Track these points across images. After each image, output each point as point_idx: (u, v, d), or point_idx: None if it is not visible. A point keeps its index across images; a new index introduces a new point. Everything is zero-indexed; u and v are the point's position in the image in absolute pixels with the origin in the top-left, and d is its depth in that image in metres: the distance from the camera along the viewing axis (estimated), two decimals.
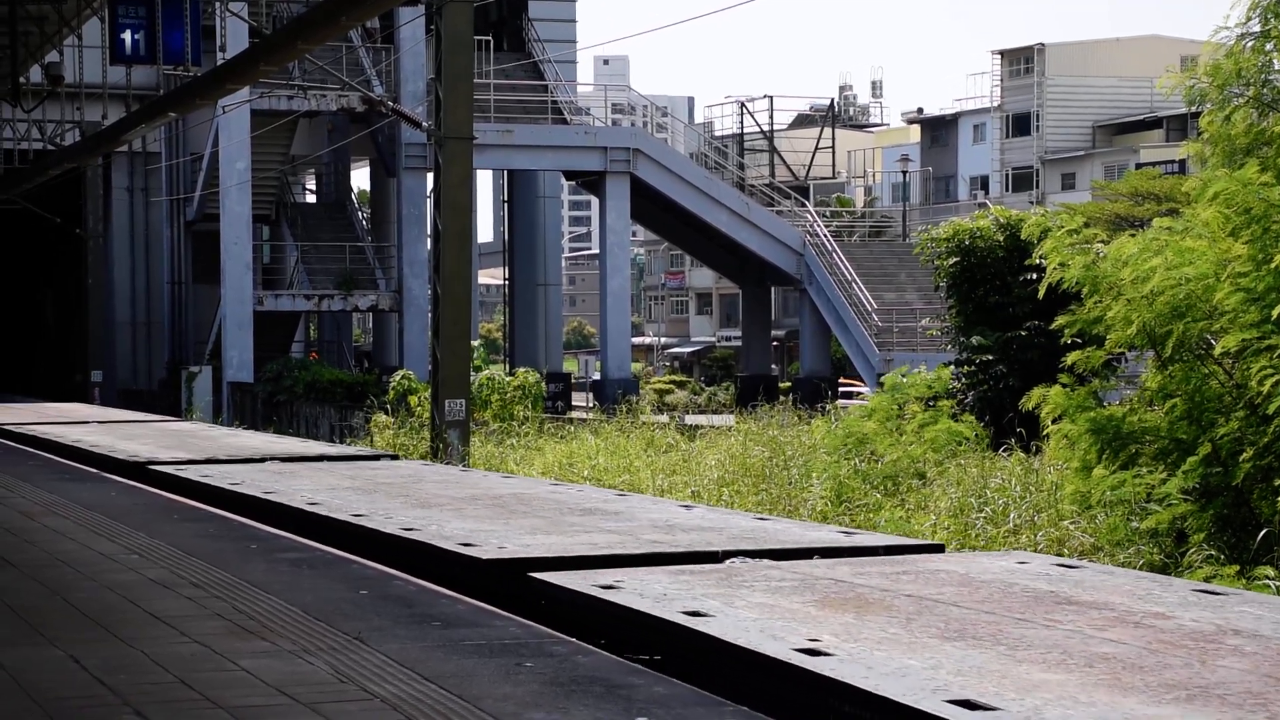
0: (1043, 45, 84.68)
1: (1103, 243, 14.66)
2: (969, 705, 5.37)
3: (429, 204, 40.69)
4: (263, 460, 16.41)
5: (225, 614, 8.23)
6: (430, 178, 36.55)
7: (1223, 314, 12.42)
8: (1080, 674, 5.92)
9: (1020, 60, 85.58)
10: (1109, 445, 13.44)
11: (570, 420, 35.67)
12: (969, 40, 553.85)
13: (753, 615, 7.07)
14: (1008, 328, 23.89)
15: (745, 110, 77.76)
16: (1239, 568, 11.72)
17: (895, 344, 47.65)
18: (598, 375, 55.77)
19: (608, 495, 12.53)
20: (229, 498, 13.35)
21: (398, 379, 36.04)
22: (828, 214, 62.39)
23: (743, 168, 63.26)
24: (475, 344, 33.56)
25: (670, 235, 60.18)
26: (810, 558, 8.91)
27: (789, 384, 54.35)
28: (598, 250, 56.48)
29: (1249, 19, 14.39)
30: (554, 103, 51.38)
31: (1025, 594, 7.61)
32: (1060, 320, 14.34)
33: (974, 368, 24.05)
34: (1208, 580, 11.46)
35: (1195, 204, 13.49)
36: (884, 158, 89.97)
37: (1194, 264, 12.68)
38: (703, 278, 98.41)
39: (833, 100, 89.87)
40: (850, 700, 5.75)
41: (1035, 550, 14.10)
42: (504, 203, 58.53)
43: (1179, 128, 76.45)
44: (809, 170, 76.72)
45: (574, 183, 55.81)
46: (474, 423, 28.61)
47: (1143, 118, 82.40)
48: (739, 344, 70.95)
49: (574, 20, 56.08)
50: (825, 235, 52.77)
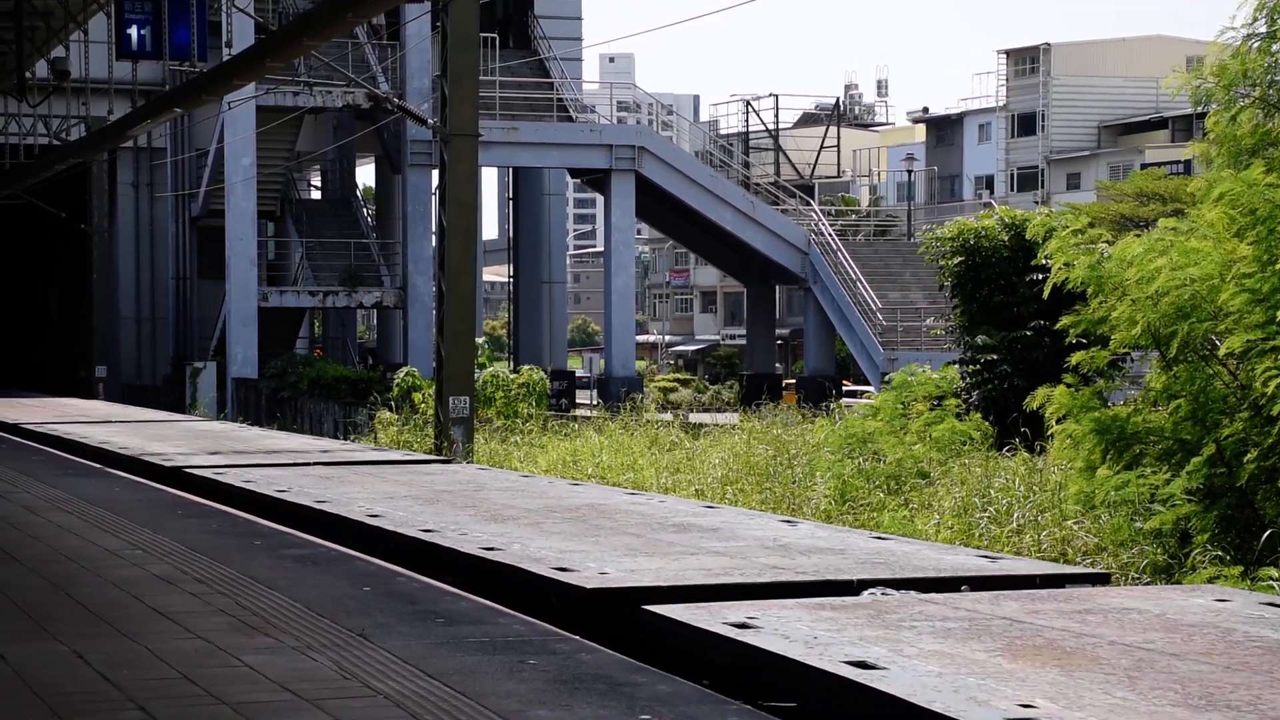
0: (1048, 45, 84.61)
1: (1108, 243, 14.65)
2: None
3: (434, 201, 40.68)
4: (305, 464, 15.68)
5: (229, 610, 8.23)
6: (435, 175, 36.57)
7: (1228, 315, 12.41)
8: None
9: (1026, 60, 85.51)
10: (1113, 445, 13.43)
11: (574, 418, 35.68)
12: (975, 40, 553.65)
13: (933, 668, 6.18)
14: (1012, 327, 23.87)
15: (750, 109, 77.78)
16: (1243, 569, 11.71)
17: (900, 343, 47.62)
18: (602, 372, 55.78)
19: (695, 508, 11.81)
20: (276, 506, 12.54)
21: (402, 376, 36.01)
22: (833, 213, 62.36)
23: (748, 166, 63.25)
24: (480, 341, 33.48)
25: (675, 233, 60.17)
26: (958, 588, 8.13)
27: (793, 381, 54.39)
28: (602, 248, 56.49)
29: (1255, 19, 14.36)
30: (559, 100, 51.36)
31: (1255, 644, 6.58)
32: (1065, 320, 14.33)
33: (978, 367, 24.03)
34: (1211, 582, 11.46)
35: (1200, 204, 13.47)
36: (889, 157, 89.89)
37: (1199, 265, 12.67)
38: (707, 276, 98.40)
39: (838, 99, 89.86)
40: None
41: (1040, 550, 14.10)
42: (509, 200, 58.53)
43: (1184, 128, 76.39)
44: (814, 169, 76.73)
45: (579, 180, 55.80)
46: (478, 420, 28.60)
47: (1148, 118, 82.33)
48: (743, 342, 70.94)
49: (580, 18, 56.06)
50: (830, 234, 52.75)
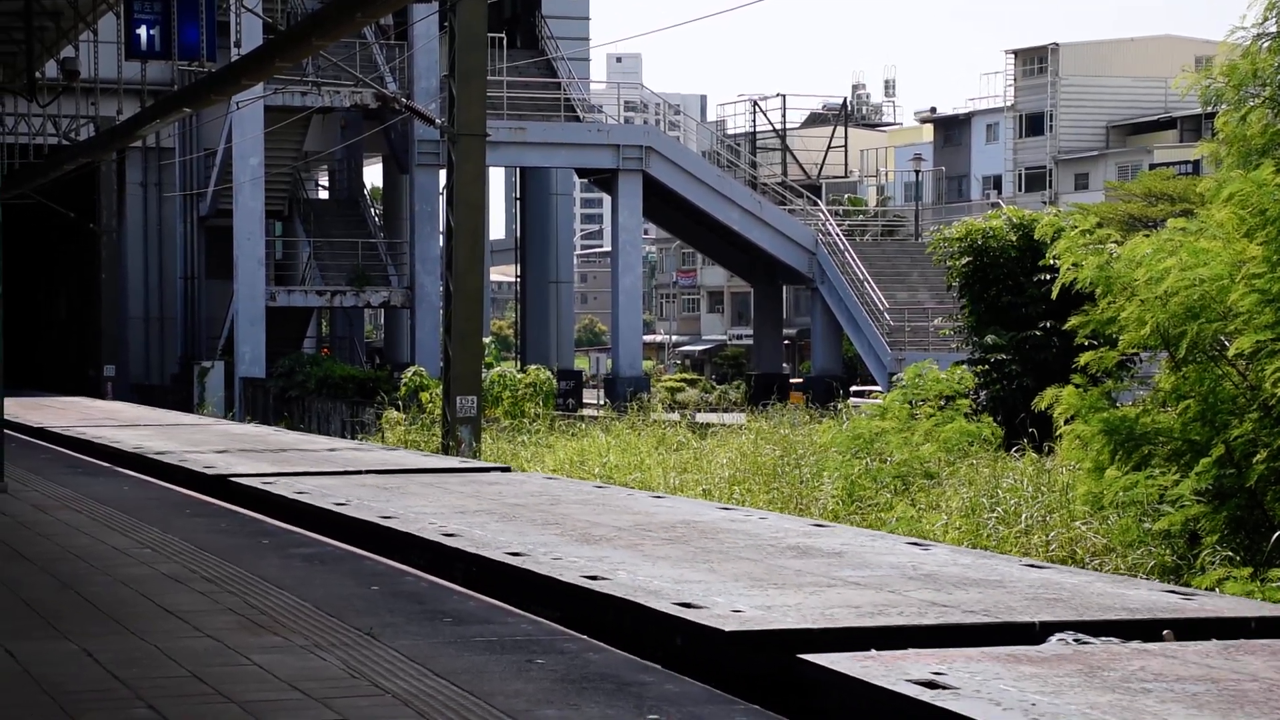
0: (1056, 45, 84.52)
1: (1116, 243, 14.63)
2: None
3: (442, 201, 40.64)
4: (357, 472, 14.91)
5: (238, 609, 8.24)
6: (443, 174, 36.55)
7: (1237, 315, 12.39)
8: None
9: (1034, 60, 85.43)
10: (1122, 446, 13.41)
11: (581, 418, 35.68)
12: (983, 40, 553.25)
13: None
14: (1020, 328, 23.85)
15: (758, 109, 77.72)
16: (1252, 570, 11.69)
17: (907, 343, 47.57)
18: (609, 372, 55.79)
19: (803, 526, 10.81)
20: (336, 522, 11.61)
21: (409, 375, 36.05)
22: (840, 213, 62.33)
23: (755, 166, 63.22)
24: (487, 341, 33.54)
25: (682, 233, 60.16)
26: (1159, 633, 7.09)
27: (800, 380, 54.34)
28: (610, 248, 56.47)
29: (1266, 19, 14.35)
30: (567, 100, 51.37)
31: None
32: (1074, 320, 14.31)
33: (987, 367, 24.01)
34: (1220, 583, 11.45)
35: (1210, 205, 13.45)
36: (897, 157, 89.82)
37: (1208, 265, 12.65)
38: (714, 276, 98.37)
39: (846, 99, 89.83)
40: None
41: (1047, 552, 14.08)
42: (516, 200, 58.54)
43: (1193, 128, 76.27)
44: (821, 169, 76.66)
45: (586, 180, 55.79)
46: (485, 419, 28.61)
47: (1157, 118, 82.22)
48: (750, 342, 70.93)
49: (587, 18, 56.06)
50: (837, 234, 52.72)
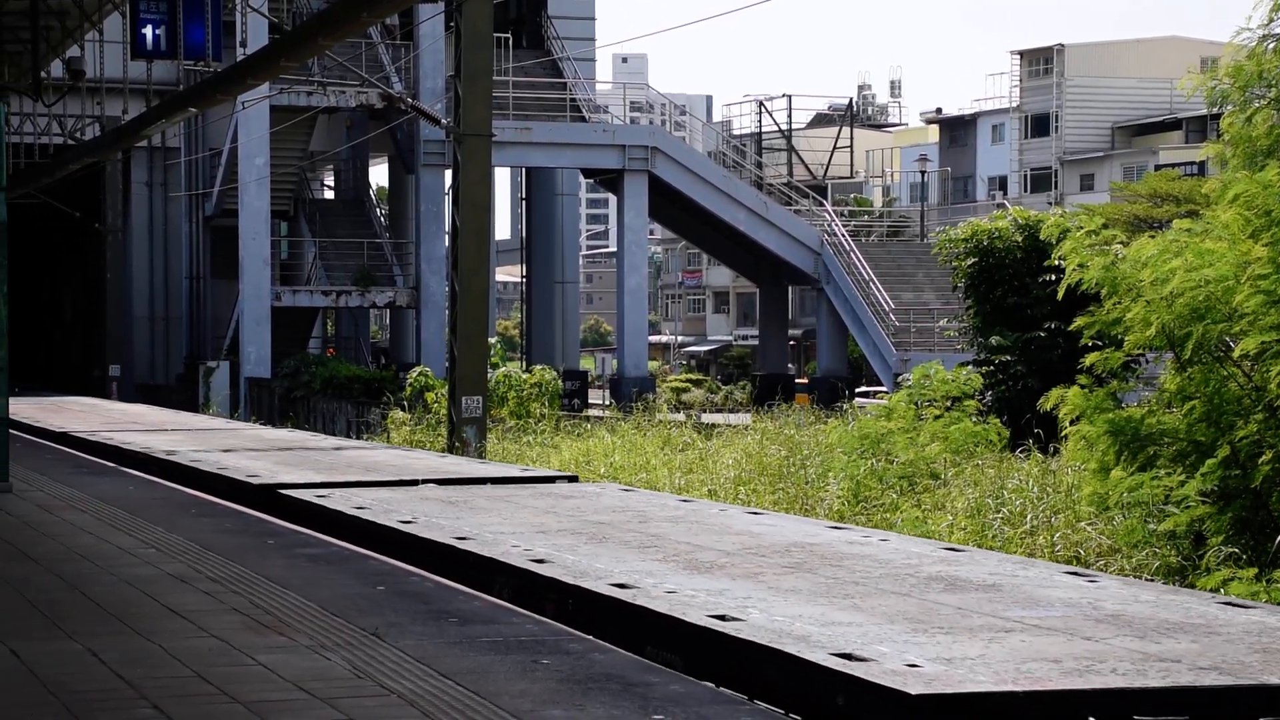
0: (1062, 46, 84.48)
1: (1122, 244, 14.63)
2: None
3: (447, 201, 40.75)
4: (414, 482, 13.92)
5: (243, 609, 8.24)
6: (449, 175, 36.62)
7: (1242, 316, 12.38)
8: None
9: (1039, 61, 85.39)
10: (1127, 447, 13.40)
11: (587, 418, 35.68)
12: (988, 40, 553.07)
13: None
14: (1026, 328, 23.85)
15: (763, 109, 77.71)
16: (1257, 571, 11.69)
17: (913, 344, 47.55)
18: (614, 373, 55.80)
19: (933, 550, 9.78)
20: (403, 542, 10.56)
21: (415, 375, 36.05)
22: (845, 213, 62.33)
23: (761, 167, 63.22)
24: (492, 341, 33.58)
25: (688, 234, 60.17)
26: None
27: (805, 380, 54.35)
28: (615, 248, 56.47)
29: (1271, 20, 14.34)
30: (573, 100, 51.37)
31: None
32: (1079, 321, 14.31)
33: (992, 368, 24.01)
34: (1225, 584, 11.45)
35: (1215, 206, 13.45)
36: (902, 158, 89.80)
37: (1214, 266, 12.64)
38: (720, 276, 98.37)
39: (851, 100, 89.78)
40: None
41: (1053, 552, 14.08)
42: (522, 200, 58.55)
43: (1199, 129, 76.23)
44: (827, 170, 76.63)
45: (592, 180, 55.81)
46: (491, 420, 28.62)
47: (1162, 119, 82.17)
48: (756, 343, 70.89)
49: (593, 18, 56.07)
50: (843, 235, 52.71)
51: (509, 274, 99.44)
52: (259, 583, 9.09)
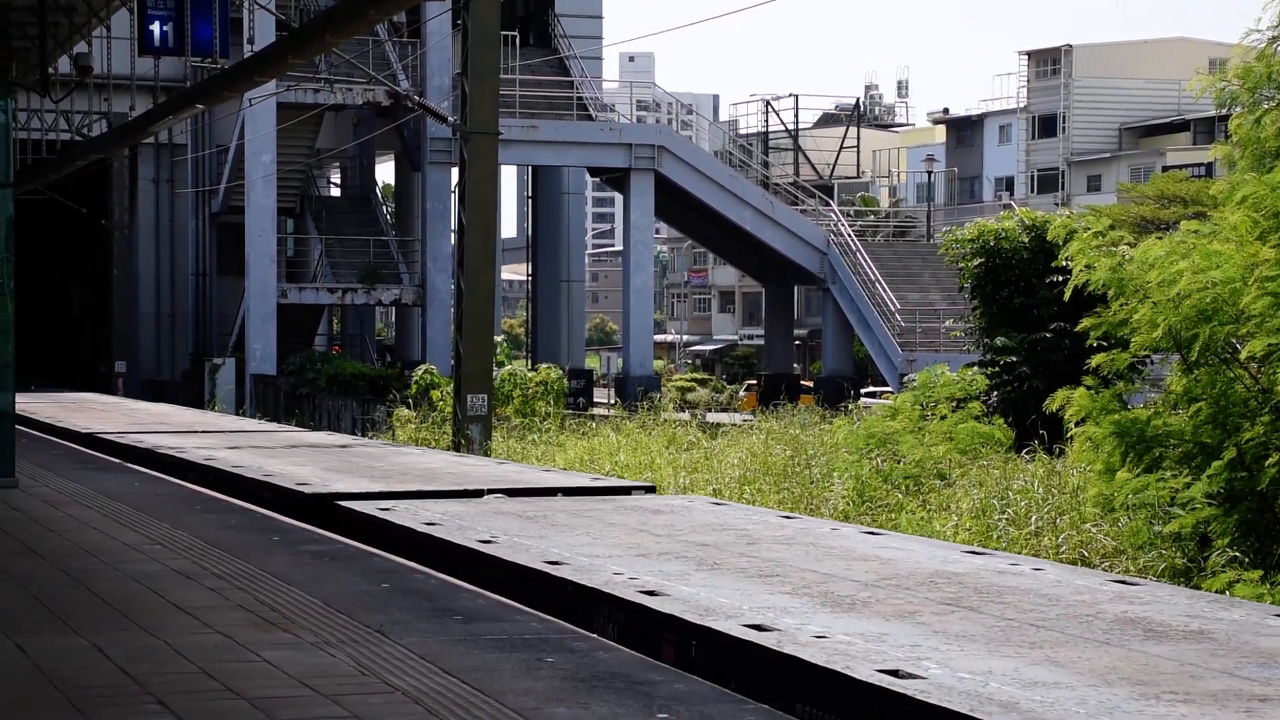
0: (1070, 46, 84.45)
1: (1129, 245, 14.62)
2: None
3: (453, 199, 40.74)
4: (478, 492, 13.02)
5: (248, 605, 8.25)
6: (455, 172, 36.59)
7: (1249, 318, 12.38)
8: None
9: (1047, 61, 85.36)
10: (1133, 448, 13.40)
11: (592, 417, 35.70)
12: (995, 41, 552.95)
13: None
14: (1032, 329, 23.83)
15: (770, 109, 77.71)
16: (1262, 572, 11.68)
17: (918, 344, 47.56)
18: (619, 372, 55.81)
19: (1098, 580, 8.87)
20: (486, 564, 9.50)
21: (420, 373, 36.07)
22: (852, 213, 62.30)
23: (767, 166, 63.20)
24: (498, 339, 33.50)
25: (694, 233, 60.17)
26: None
27: (810, 383, 54.35)
28: (621, 247, 56.48)
29: None
30: (579, 99, 51.38)
31: None
32: (1086, 322, 14.30)
33: (998, 369, 24.00)
34: (1230, 585, 11.44)
35: (1223, 207, 13.44)
36: (909, 158, 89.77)
37: (1221, 267, 12.64)
38: (726, 275, 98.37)
39: (858, 99, 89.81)
40: None
41: (1057, 553, 14.07)
42: (528, 198, 58.58)
43: (1206, 130, 76.17)
44: (833, 169, 76.63)
45: (598, 179, 55.81)
46: (496, 418, 28.63)
47: (1170, 120, 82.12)
48: (761, 342, 70.89)
49: (600, 16, 56.08)
50: (849, 234, 52.70)
51: (515, 272, 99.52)
52: (264, 579, 9.09)
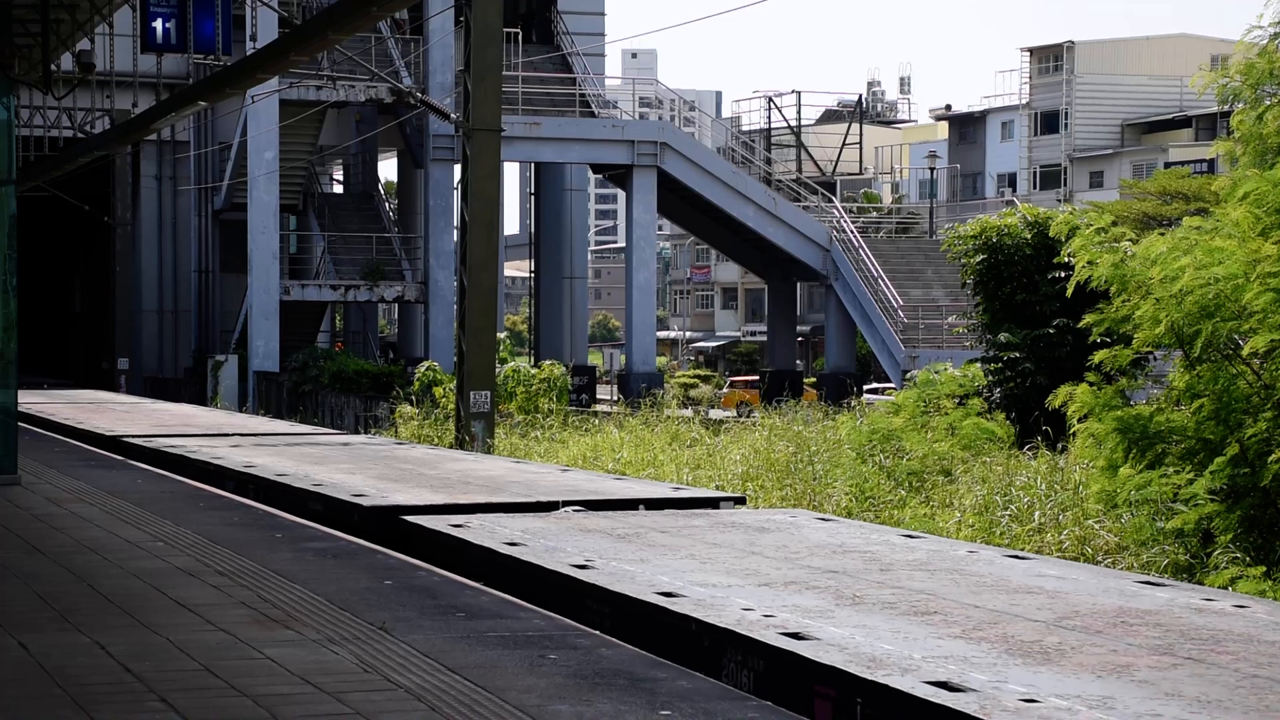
0: (1072, 43, 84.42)
1: (1131, 241, 14.62)
2: None
3: (456, 195, 40.71)
4: (553, 505, 11.98)
5: (251, 603, 8.25)
6: (458, 169, 36.62)
7: (1252, 314, 12.37)
8: None
9: (1049, 58, 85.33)
10: (1135, 444, 13.40)
11: (595, 413, 35.70)
12: (998, 37, 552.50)
13: None
14: (1035, 325, 23.83)
15: (773, 105, 77.70)
16: (1265, 569, 11.68)
17: (921, 341, 47.55)
18: (622, 368, 55.82)
19: (1216, 601, 8.05)
20: (583, 594, 8.39)
21: (423, 370, 36.10)
22: (854, 210, 62.29)
23: (770, 163, 63.19)
24: (501, 336, 33.52)
25: (696, 229, 60.16)
26: None
27: (813, 380, 54.34)
28: (624, 244, 56.48)
29: None
30: (582, 96, 51.37)
31: None
32: (1088, 318, 14.30)
33: (1000, 365, 24.00)
34: (1233, 581, 11.44)
35: (1225, 203, 13.44)
36: (911, 154, 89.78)
37: (1223, 264, 12.64)
38: (728, 272, 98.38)
39: (861, 96, 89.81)
40: None
41: (1060, 549, 14.07)
42: (531, 195, 58.57)
43: (1208, 127, 76.16)
44: (836, 166, 76.62)
45: (601, 176, 55.82)
46: (499, 414, 28.64)
47: (1172, 116, 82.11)
48: (764, 339, 70.90)
49: (602, 13, 56.06)
50: (852, 231, 52.70)
51: (518, 269, 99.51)
52: (267, 576, 9.10)
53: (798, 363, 67.16)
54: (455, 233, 40.37)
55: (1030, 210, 25.71)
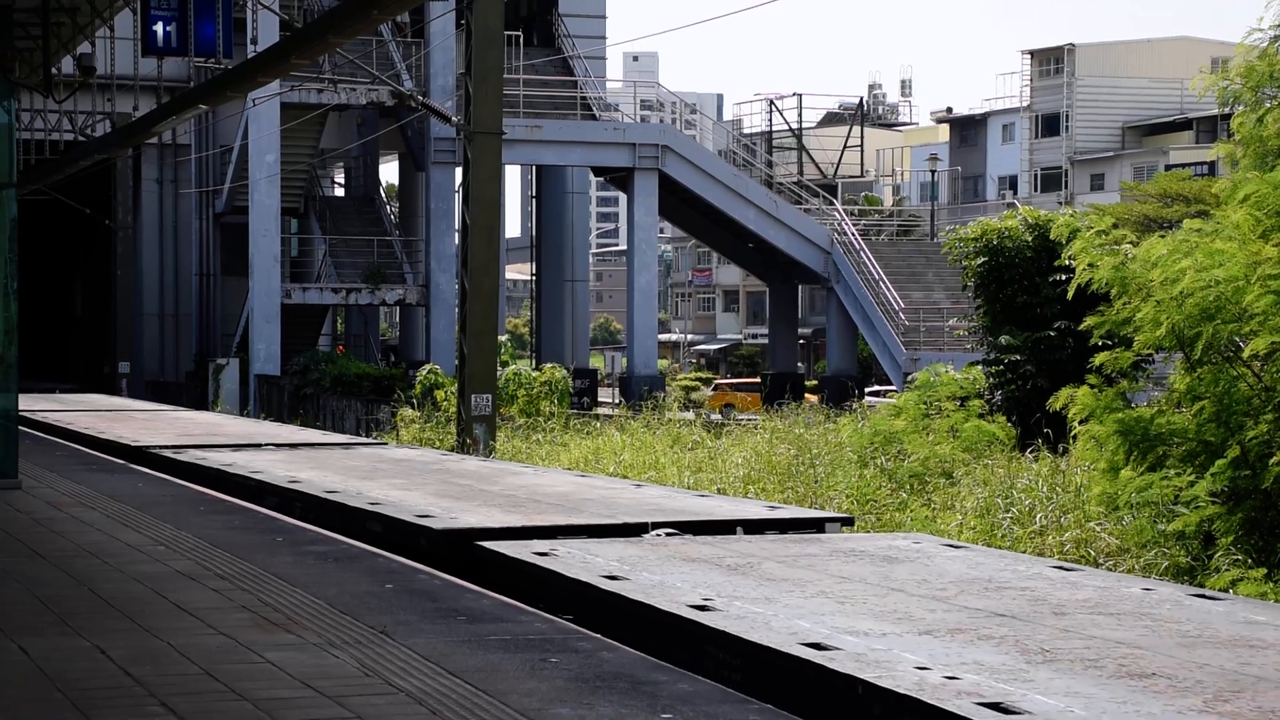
0: (1073, 45, 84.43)
1: (1132, 244, 14.62)
2: None
3: (457, 198, 40.73)
4: (640, 527, 10.99)
5: (251, 606, 8.25)
6: (459, 172, 36.60)
7: (1252, 316, 12.37)
8: None
9: (1050, 60, 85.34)
10: (1136, 447, 13.39)
11: (596, 416, 35.70)
12: (999, 40, 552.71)
13: None
14: (1036, 328, 23.82)
15: (774, 108, 77.65)
16: (1266, 571, 11.68)
17: (922, 343, 47.57)
18: (624, 371, 55.82)
19: None
20: (718, 645, 7.24)
21: (424, 373, 36.10)
22: (855, 213, 62.30)
23: (771, 165, 63.19)
24: (502, 339, 33.53)
25: (698, 232, 60.19)
26: None
27: (815, 382, 54.34)
28: (625, 247, 56.50)
29: None
30: (583, 98, 51.39)
31: None
32: (1089, 321, 14.30)
33: (1001, 367, 23.98)
34: (1234, 584, 11.43)
35: (1225, 206, 13.44)
36: (912, 157, 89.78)
37: (1224, 266, 12.63)
38: (730, 275, 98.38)
39: (862, 99, 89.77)
40: None
41: (1062, 552, 14.07)
42: (532, 198, 58.61)
43: (1209, 129, 76.15)
44: (837, 169, 76.61)
45: (602, 179, 55.84)
46: (500, 418, 28.64)
47: (1173, 119, 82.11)
48: (765, 341, 70.89)
49: (604, 16, 56.09)
50: (853, 234, 52.71)
51: (519, 272, 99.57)
52: (267, 580, 9.10)
53: (799, 365, 67.16)
54: (456, 235, 40.36)
55: (1031, 213, 25.70)
